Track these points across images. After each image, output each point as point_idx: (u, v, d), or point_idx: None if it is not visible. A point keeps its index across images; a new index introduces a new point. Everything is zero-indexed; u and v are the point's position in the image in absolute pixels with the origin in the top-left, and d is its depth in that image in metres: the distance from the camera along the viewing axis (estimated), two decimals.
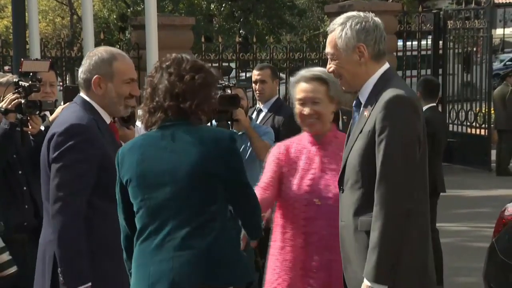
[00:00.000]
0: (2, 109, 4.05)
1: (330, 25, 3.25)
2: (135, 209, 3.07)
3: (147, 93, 3.10)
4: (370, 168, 3.07)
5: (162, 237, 2.99)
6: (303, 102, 3.67)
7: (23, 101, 4.03)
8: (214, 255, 2.99)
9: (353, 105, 3.32)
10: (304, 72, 3.74)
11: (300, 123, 3.72)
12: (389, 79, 3.19)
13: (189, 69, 3.06)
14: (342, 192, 3.24)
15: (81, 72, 3.41)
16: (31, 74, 4.09)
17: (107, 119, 3.45)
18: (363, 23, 3.17)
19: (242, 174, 3.11)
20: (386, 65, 3.24)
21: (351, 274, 3.22)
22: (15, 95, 4.06)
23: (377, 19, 3.23)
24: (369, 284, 3.02)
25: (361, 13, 3.23)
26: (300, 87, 3.69)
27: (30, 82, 4.05)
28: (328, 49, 3.24)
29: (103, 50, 3.42)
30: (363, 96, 3.22)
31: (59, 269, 3.22)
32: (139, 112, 4.83)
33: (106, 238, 3.29)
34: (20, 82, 4.07)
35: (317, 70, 3.78)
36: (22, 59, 4.32)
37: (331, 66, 3.25)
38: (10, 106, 4.04)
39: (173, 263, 2.96)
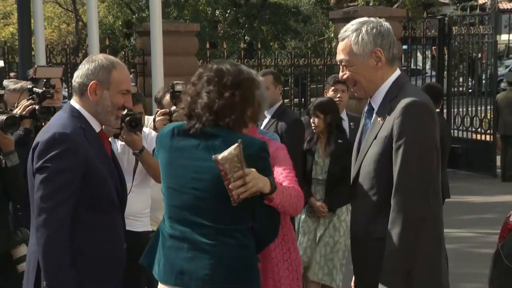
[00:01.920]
0: (17, 116, 4.10)
1: (342, 32, 3.20)
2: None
3: (186, 100, 3.14)
4: (386, 175, 3.04)
5: (183, 235, 3.06)
6: None
7: (37, 107, 4.07)
8: (235, 257, 3.04)
9: (364, 111, 3.29)
10: None
11: None
12: (403, 85, 3.17)
13: (230, 85, 3.07)
14: (354, 199, 3.22)
15: (77, 76, 3.29)
16: (44, 80, 4.13)
17: (97, 127, 3.32)
18: (378, 27, 3.14)
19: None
20: (398, 71, 3.21)
21: (363, 281, 3.21)
22: (29, 101, 4.10)
23: (387, 23, 3.20)
24: None
25: (372, 18, 3.20)
26: None
27: (44, 88, 4.09)
28: (342, 56, 3.18)
29: (103, 57, 3.33)
30: (376, 102, 3.18)
31: (44, 282, 3.12)
32: (146, 118, 4.88)
33: (93, 249, 3.20)
34: (34, 89, 4.11)
35: None
36: (35, 65, 4.35)
37: (345, 73, 3.19)
38: (24, 112, 4.08)
39: (197, 262, 3.03)
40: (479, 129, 12.85)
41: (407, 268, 3.00)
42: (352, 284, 3.37)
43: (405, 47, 13.09)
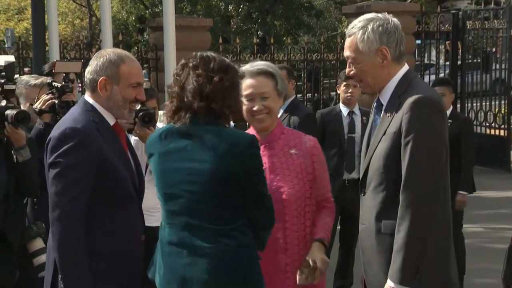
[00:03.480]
0: (37, 110, 4.14)
1: (349, 29, 3.20)
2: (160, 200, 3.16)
3: (175, 92, 3.10)
4: (395, 170, 3.05)
5: (182, 241, 3.04)
6: (252, 98, 3.47)
7: (56, 101, 4.12)
8: (229, 258, 3.02)
9: (373, 107, 3.29)
10: (249, 67, 3.54)
11: (248, 119, 3.53)
12: (411, 80, 3.17)
13: (217, 69, 3.05)
14: (364, 195, 3.22)
15: (88, 72, 3.29)
16: (64, 74, 4.19)
17: (111, 121, 3.32)
18: (385, 25, 3.14)
19: (258, 180, 3.08)
20: (406, 66, 3.22)
21: (372, 277, 3.21)
22: (49, 95, 4.16)
23: (395, 20, 3.20)
24: (393, 285, 3.01)
25: (380, 15, 3.19)
26: (246, 83, 3.47)
27: (63, 82, 4.15)
28: (348, 53, 3.19)
29: (112, 52, 3.32)
30: (384, 98, 3.19)
31: (59, 276, 3.14)
32: (160, 113, 4.89)
33: (108, 243, 3.21)
34: (54, 83, 4.16)
35: (261, 64, 3.58)
36: (55, 60, 4.41)
37: (352, 69, 3.20)
38: (44, 106, 4.13)
39: (193, 265, 3.01)
40: (493, 124, 12.79)
41: (416, 264, 3.00)
42: (361, 280, 3.38)
43: (418, 41, 13.03)
